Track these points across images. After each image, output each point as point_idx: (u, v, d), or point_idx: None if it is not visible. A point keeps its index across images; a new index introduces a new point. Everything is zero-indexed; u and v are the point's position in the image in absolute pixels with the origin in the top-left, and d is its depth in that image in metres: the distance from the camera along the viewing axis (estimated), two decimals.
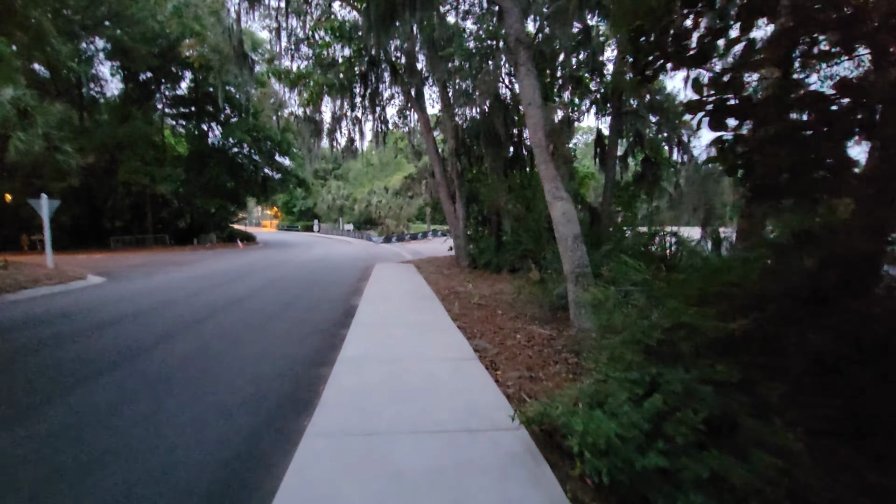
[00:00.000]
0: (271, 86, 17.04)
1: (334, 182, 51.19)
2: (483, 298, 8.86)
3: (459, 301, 8.30)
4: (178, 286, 10.15)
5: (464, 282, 11.98)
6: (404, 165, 37.83)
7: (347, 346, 4.77)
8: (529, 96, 7.12)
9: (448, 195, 15.47)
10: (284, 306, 7.63)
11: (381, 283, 10.58)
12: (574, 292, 6.62)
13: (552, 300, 7.53)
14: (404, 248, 26.71)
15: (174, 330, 5.96)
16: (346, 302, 8.12)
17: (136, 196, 26.79)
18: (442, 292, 9.43)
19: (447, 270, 14.42)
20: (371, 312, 6.80)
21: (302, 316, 6.89)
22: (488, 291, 10.16)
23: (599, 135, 16.42)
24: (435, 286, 10.34)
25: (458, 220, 15.27)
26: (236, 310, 7.26)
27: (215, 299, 8.34)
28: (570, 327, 6.63)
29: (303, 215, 59.79)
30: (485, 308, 7.83)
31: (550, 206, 6.94)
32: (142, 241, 24.48)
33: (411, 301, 7.89)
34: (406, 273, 12.94)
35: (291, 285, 10.37)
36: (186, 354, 4.82)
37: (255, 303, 7.98)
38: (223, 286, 10.10)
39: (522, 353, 5.07)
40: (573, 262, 6.70)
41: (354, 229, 42.14)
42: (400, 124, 18.93)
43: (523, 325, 6.68)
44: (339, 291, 9.43)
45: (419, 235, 36.30)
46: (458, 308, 7.45)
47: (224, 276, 12.01)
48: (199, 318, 6.71)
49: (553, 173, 6.94)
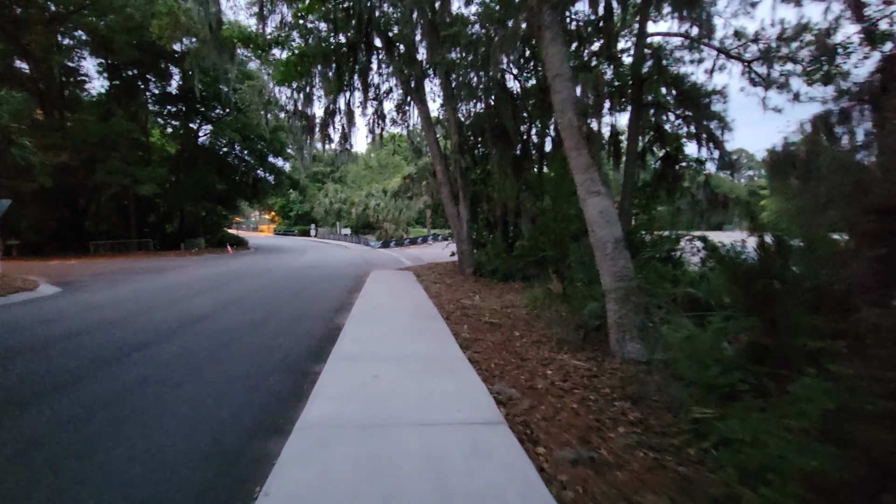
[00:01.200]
0: (260, 77, 15.69)
1: (332, 185, 49.82)
2: (495, 315, 7.44)
3: (467, 320, 6.86)
4: (137, 299, 8.71)
5: (469, 293, 10.60)
6: (404, 168, 36.51)
7: (316, 399, 3.33)
8: (556, 66, 5.73)
9: (451, 196, 14.08)
10: (251, 328, 6.18)
11: (375, 295, 9.15)
12: (616, 312, 5.20)
13: (582, 319, 6.10)
14: (403, 253, 25.29)
15: (84, 370, 4.47)
16: (330, 322, 6.66)
17: (122, 199, 25.39)
18: (446, 307, 8.00)
19: (450, 279, 13.00)
20: (358, 338, 5.35)
21: (268, 343, 5.43)
22: (498, 305, 8.76)
23: (613, 131, 15.08)
24: (437, 299, 8.91)
25: (462, 224, 13.87)
26: (186, 335, 5.79)
27: (171, 317, 6.89)
28: (610, 357, 5.21)
29: (300, 219, 58.35)
30: (499, 329, 6.39)
31: (583, 202, 5.53)
32: (124, 246, 23.02)
33: (409, 320, 6.45)
34: (404, 282, 11.50)
35: (269, 298, 8.92)
36: (59, 422, 3.22)
37: (217, 323, 6.52)
38: (189, 299, 8.66)
39: (563, 405, 3.63)
40: (614, 272, 5.28)
41: (352, 234, 40.71)
42: (399, 120, 17.55)
43: (551, 354, 5.25)
44: (325, 307, 7.98)
45: (419, 240, 34.88)
46: (467, 331, 6.00)
47: (197, 286, 10.57)
48: (137, 346, 5.26)
49: (587, 162, 5.53)
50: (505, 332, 6.29)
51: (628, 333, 5.16)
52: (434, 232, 38.22)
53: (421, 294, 9.40)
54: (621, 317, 5.19)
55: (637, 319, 5.20)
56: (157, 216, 27.39)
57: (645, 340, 5.12)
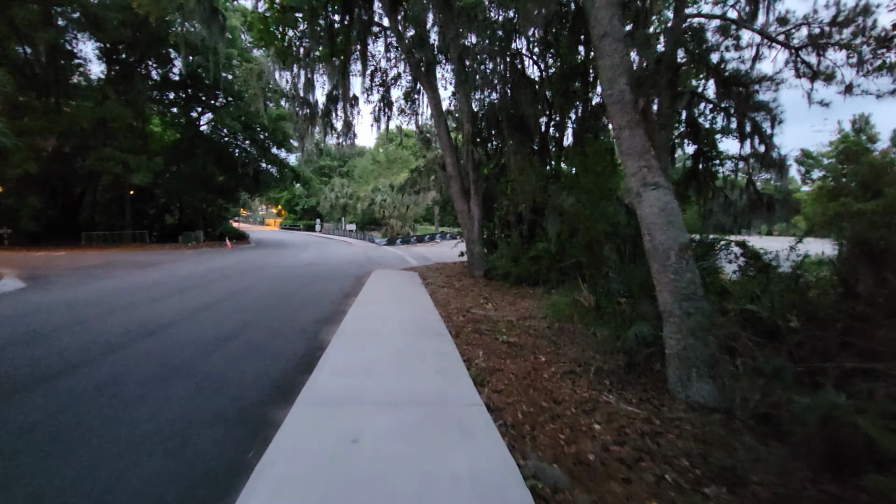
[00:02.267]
0: (256, 59, 14.56)
1: (338, 179, 48.73)
2: (512, 330, 6.25)
3: (481, 338, 5.65)
4: (98, 300, 7.62)
5: (480, 299, 9.43)
6: (412, 163, 35.30)
7: (253, 496, 2.13)
8: (605, 23, 4.48)
9: (461, 191, 12.87)
10: (210, 347, 5.00)
11: (373, 301, 7.98)
12: (680, 341, 3.97)
13: (625, 343, 4.88)
14: (409, 251, 24.12)
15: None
16: (314, 338, 5.49)
17: (119, 188, 24.47)
18: (454, 318, 6.81)
19: (458, 282, 11.81)
20: (342, 366, 4.17)
21: (223, 372, 4.21)
22: (514, 315, 7.59)
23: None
24: (444, 307, 7.73)
25: (473, 222, 12.66)
26: (122, 357, 4.56)
27: (122, 327, 5.76)
28: (668, 398, 4.01)
29: (305, 214, 57.42)
30: (520, 352, 5.19)
31: (637, 197, 4.29)
32: (118, 238, 22.10)
33: (410, 338, 5.26)
34: (408, 286, 10.33)
35: (251, 303, 7.78)
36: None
37: (172, 338, 5.36)
38: (157, 302, 7.55)
39: (632, 494, 2.42)
40: (677, 289, 4.05)
41: (357, 230, 39.60)
42: (407, 110, 16.34)
43: (591, 393, 4.05)
44: (312, 315, 6.82)
45: (426, 238, 33.69)
46: (482, 357, 4.79)
47: (176, 286, 9.48)
48: (43, 376, 4.10)
49: (642, 145, 4.30)
50: (527, 356, 5.08)
51: (695, 370, 3.93)
52: (442, 230, 36.99)
53: (426, 301, 8.21)
54: (686, 348, 3.96)
55: (706, 352, 3.97)
56: (157, 208, 26.49)
57: (716, 380, 3.91)
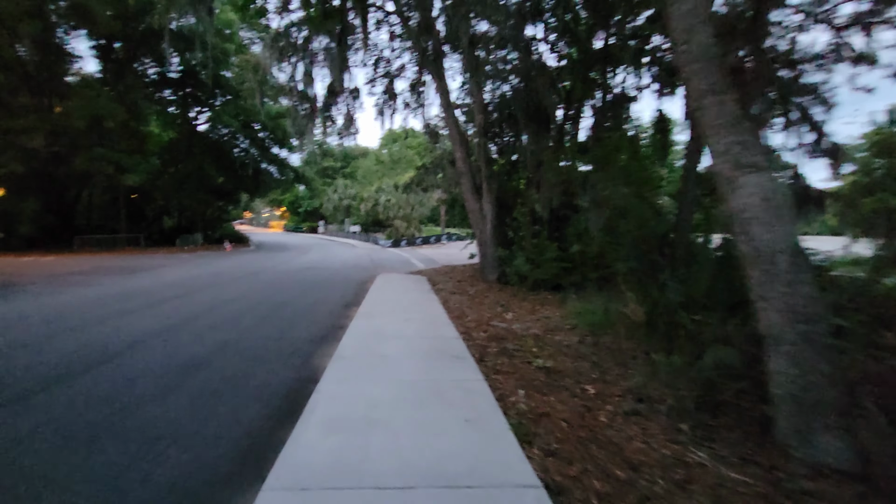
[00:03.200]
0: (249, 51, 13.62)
1: (341, 180, 47.80)
2: (543, 348, 5.23)
3: (511, 362, 4.61)
4: (62, 314, 6.64)
5: (497, 307, 8.43)
6: (417, 163, 34.26)
7: None
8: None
9: (472, 188, 11.84)
10: (176, 379, 3.97)
11: (377, 313, 6.95)
12: (796, 379, 2.92)
13: (699, 373, 3.83)
14: (415, 253, 23.11)
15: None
16: (305, 364, 4.46)
17: (116, 191, 23.63)
18: (473, 334, 5.78)
19: (471, 287, 10.79)
20: (339, 413, 3.13)
21: (173, 428, 3.16)
22: (539, 327, 6.59)
23: (662, 118, 12.70)
24: (460, 319, 6.70)
25: (486, 221, 11.62)
26: (45, 401, 3.58)
27: (71, 351, 4.76)
28: (780, 455, 2.95)
29: (309, 216, 56.54)
30: (562, 381, 4.15)
31: (729, 184, 3.22)
32: (112, 242, 21.25)
33: (423, 365, 4.22)
34: (416, 293, 9.30)
35: (239, 314, 6.78)
36: None
37: (133, 365, 4.34)
38: (128, 316, 6.56)
39: None
40: (789, 306, 2.98)
41: (361, 231, 38.61)
42: (413, 103, 15.32)
43: (673, 449, 2.98)
44: (306, 331, 5.80)
45: (432, 239, 32.64)
46: (520, 394, 3.73)
47: (158, 295, 8.52)
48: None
49: (732, 114, 3.25)
50: (572, 386, 4.04)
51: (820, 418, 2.87)
52: (448, 231, 35.93)
53: (438, 311, 7.17)
54: (806, 387, 2.90)
55: (832, 394, 2.92)
56: (155, 210, 25.62)
57: (851, 434, 2.87)
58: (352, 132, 13.93)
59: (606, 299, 8.09)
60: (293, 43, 13.10)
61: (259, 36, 12.16)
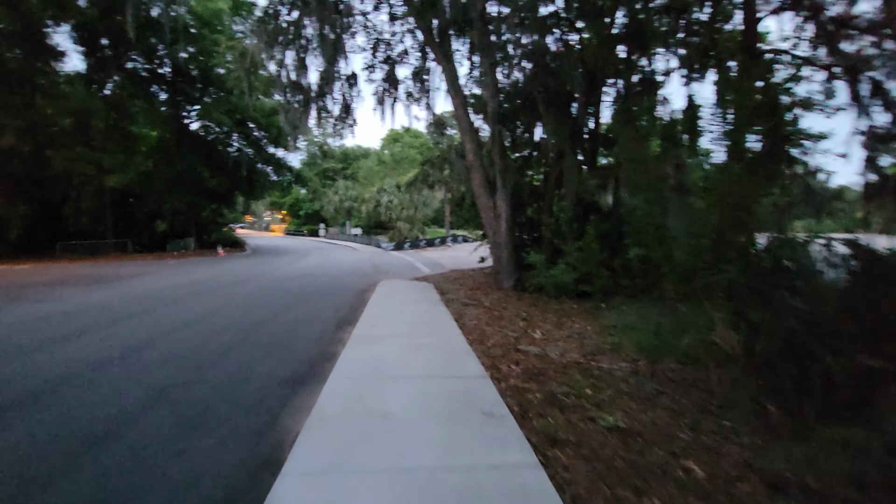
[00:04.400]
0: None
1: (342, 182, 46.51)
2: (602, 393, 3.86)
3: (567, 422, 3.20)
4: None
5: (519, 321, 7.13)
6: (421, 162, 32.89)
7: None
8: None
9: (485, 183, 10.48)
10: (55, 471, 2.59)
11: (376, 335, 5.58)
12: None
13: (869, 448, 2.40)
14: (419, 256, 21.73)
15: None
16: (265, 435, 3.06)
17: (110, 194, 22.36)
18: (503, 368, 4.40)
19: (485, 296, 9.43)
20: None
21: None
22: (577, 350, 5.36)
23: (691, 104, 11.29)
24: (480, 343, 5.33)
25: (500, 221, 10.25)
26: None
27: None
28: None
29: (309, 218, 55.22)
30: (649, 454, 2.75)
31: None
32: (96, 249, 20.00)
33: (444, 433, 2.85)
34: (424, 304, 7.91)
35: (200, 342, 5.40)
36: None
37: (5, 436, 2.97)
38: (69, 343, 5.23)
39: None
40: None
41: (363, 234, 37.27)
42: (416, 93, 13.95)
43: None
44: (281, 368, 4.41)
45: (437, 241, 31.24)
46: (606, 492, 2.31)
47: (118, 312, 7.20)
48: None
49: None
50: (666, 463, 2.65)
51: None
52: (454, 233, 34.54)
53: (451, 330, 5.78)
54: None
55: None
56: (146, 214, 24.35)
57: None
58: (349, 123, 12.58)
59: (657, 313, 6.66)
60: (284, 28, 11.80)
61: (252, 29, 10.87)
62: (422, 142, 46.14)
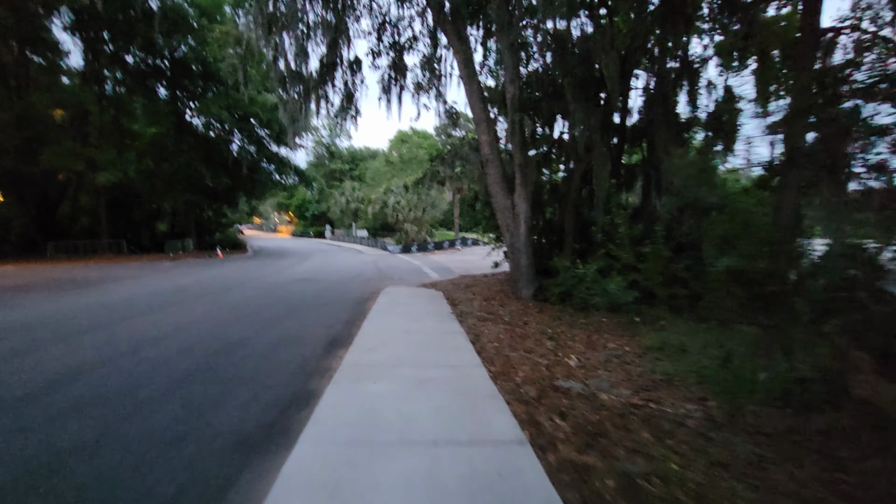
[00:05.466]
0: None
1: (349, 183, 45.56)
2: (692, 465, 2.59)
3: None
4: None
5: (546, 341, 6.00)
6: (428, 164, 31.69)
7: None
8: None
9: (502, 180, 9.30)
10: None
11: (373, 365, 4.42)
12: None
13: None
14: (427, 260, 20.57)
15: None
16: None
17: (108, 192, 21.55)
18: (545, 428, 3.20)
19: (502, 307, 8.24)
20: None
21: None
22: (627, 384, 4.25)
23: (729, 93, 10.04)
24: (506, 378, 4.15)
25: (519, 222, 9.08)
26: None
27: None
28: None
29: (316, 220, 54.35)
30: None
31: None
32: (90, 249, 19.13)
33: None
34: (433, 319, 6.73)
35: (152, 370, 4.28)
36: None
37: None
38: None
39: None
40: None
41: (369, 236, 36.16)
42: (425, 84, 12.81)
43: None
44: (237, 423, 3.24)
45: (445, 244, 30.05)
46: None
47: (73, 325, 6.15)
48: None
49: None
50: None
51: None
52: (463, 235, 33.31)
53: (467, 358, 4.60)
54: None
55: None
56: (144, 213, 23.49)
57: None
58: (351, 114, 11.46)
59: (717, 334, 5.49)
60: (283, 11, 10.76)
61: (248, 12, 9.85)
62: (430, 143, 45.04)
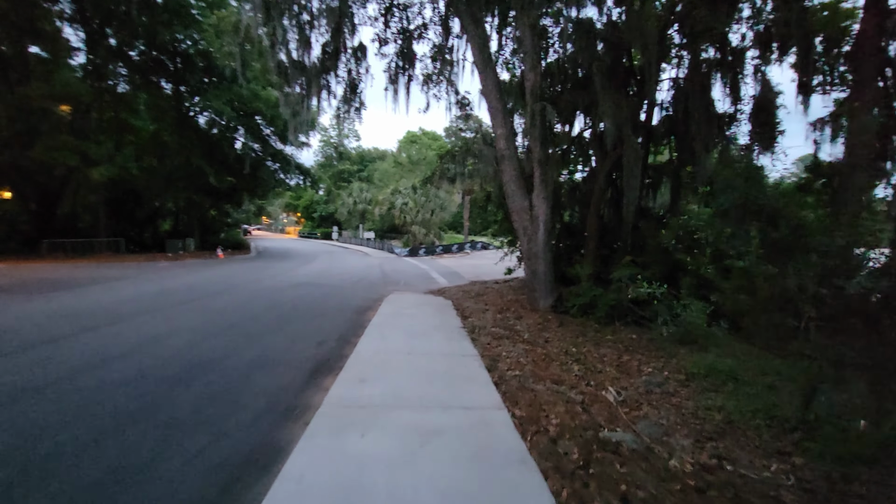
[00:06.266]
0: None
1: (356, 184, 44.84)
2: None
3: None
4: None
5: (574, 365, 5.12)
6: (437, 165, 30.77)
7: None
8: None
9: (519, 178, 8.37)
10: None
11: (365, 404, 3.52)
12: None
13: None
14: (435, 264, 19.64)
15: None
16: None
17: (110, 190, 20.98)
18: (593, 496, 2.20)
19: (518, 321, 7.31)
20: None
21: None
22: (684, 430, 3.02)
23: (765, 85, 9.03)
24: (535, 423, 3.20)
25: (538, 225, 8.12)
26: None
27: None
28: None
29: (323, 221, 53.72)
30: None
31: None
32: (87, 248, 18.52)
33: None
34: (440, 336, 5.80)
35: (80, 409, 3.41)
36: None
37: None
38: None
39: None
40: None
41: (376, 238, 35.35)
42: (435, 76, 11.92)
43: None
44: (175, 485, 2.34)
45: (454, 248, 29.10)
46: None
47: (26, 336, 5.31)
48: None
49: None
50: None
51: None
52: (473, 239, 32.34)
53: (485, 395, 3.67)
54: None
55: None
56: (146, 212, 22.89)
57: None
58: (355, 106, 10.61)
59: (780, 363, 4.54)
60: None
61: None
62: (440, 144, 44.22)
